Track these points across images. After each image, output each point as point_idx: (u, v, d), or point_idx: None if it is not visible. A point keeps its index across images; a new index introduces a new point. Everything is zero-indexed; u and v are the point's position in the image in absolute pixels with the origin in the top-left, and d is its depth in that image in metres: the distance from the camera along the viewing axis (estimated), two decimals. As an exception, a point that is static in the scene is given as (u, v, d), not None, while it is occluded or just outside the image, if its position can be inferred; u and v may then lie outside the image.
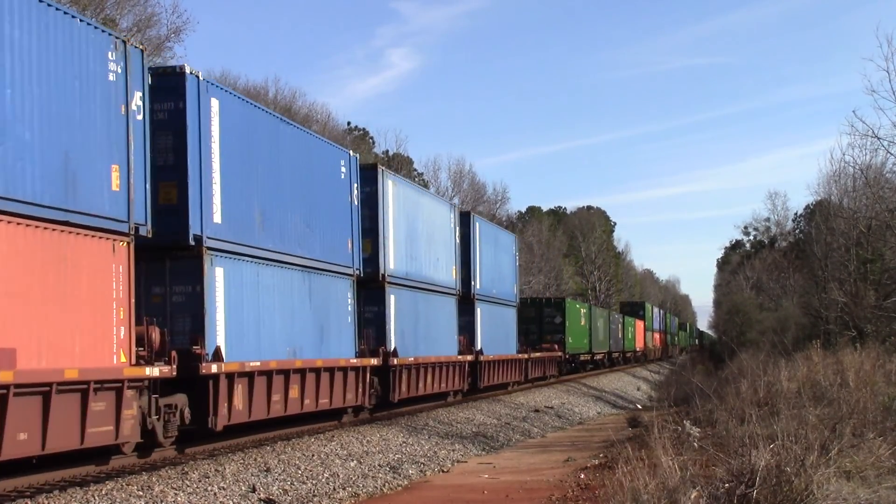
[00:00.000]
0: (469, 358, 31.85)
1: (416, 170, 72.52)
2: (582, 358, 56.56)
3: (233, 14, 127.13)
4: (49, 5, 12.79)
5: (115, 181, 13.87)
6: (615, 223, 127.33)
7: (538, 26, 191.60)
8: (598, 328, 61.42)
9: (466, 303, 32.46)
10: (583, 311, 57.15)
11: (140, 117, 14.64)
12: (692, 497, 9.57)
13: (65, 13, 13.27)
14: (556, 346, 48.11)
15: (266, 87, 54.55)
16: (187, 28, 35.58)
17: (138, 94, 14.63)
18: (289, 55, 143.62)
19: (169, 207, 15.87)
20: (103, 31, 14.16)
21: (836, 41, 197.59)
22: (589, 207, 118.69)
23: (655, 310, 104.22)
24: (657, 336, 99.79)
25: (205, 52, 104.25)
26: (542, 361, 44.72)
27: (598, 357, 63.08)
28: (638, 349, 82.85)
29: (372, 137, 69.26)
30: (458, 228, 31.61)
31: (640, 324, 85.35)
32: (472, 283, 32.79)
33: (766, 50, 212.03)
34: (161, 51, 34.69)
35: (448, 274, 30.09)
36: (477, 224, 34.37)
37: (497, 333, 36.16)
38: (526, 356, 40.62)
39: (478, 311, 33.49)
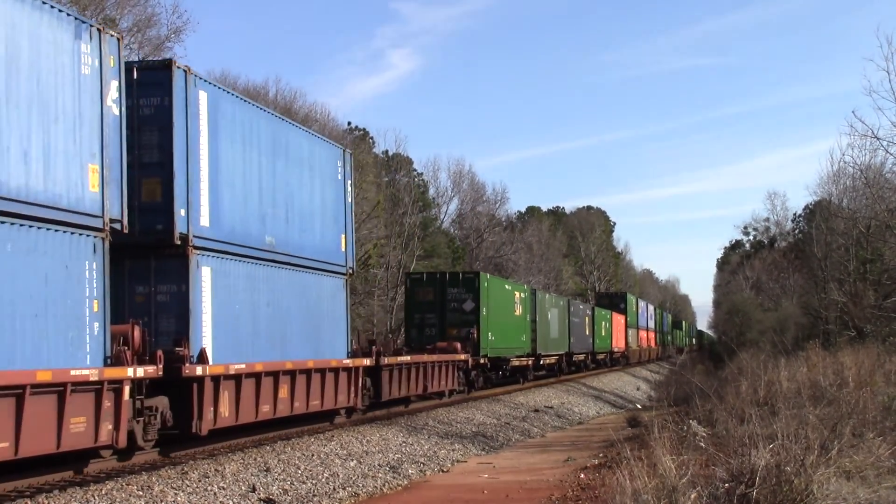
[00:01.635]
0: (141, 373, 14.38)
1: (415, 170, 72.51)
2: (515, 363, 39.56)
3: (233, 14, 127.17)
4: None
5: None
6: (615, 223, 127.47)
7: (538, 27, 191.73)
8: (547, 321, 45.10)
9: (168, 255, 16.18)
10: (518, 294, 40.17)
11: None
12: (692, 497, 9.57)
13: None
14: (460, 346, 31.10)
15: (266, 87, 54.45)
16: (187, 28, 35.48)
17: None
18: (289, 55, 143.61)
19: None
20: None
21: (836, 42, 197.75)
22: (589, 207, 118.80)
23: (642, 303, 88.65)
24: (644, 335, 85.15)
25: (205, 52, 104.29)
26: (420, 371, 27.50)
27: (549, 361, 46.54)
28: (616, 350, 68.14)
29: (372, 137, 69.17)
30: (117, 85, 14.31)
31: (619, 318, 70.56)
32: (183, 213, 16.15)
33: (767, 50, 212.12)
34: (161, 51, 34.66)
35: (65, 180, 13.31)
36: (203, 95, 16.89)
37: (275, 321, 19.27)
38: (368, 363, 23.52)
39: (200, 273, 16.57)
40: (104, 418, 13.56)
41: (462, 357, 31.34)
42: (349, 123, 66.87)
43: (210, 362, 16.37)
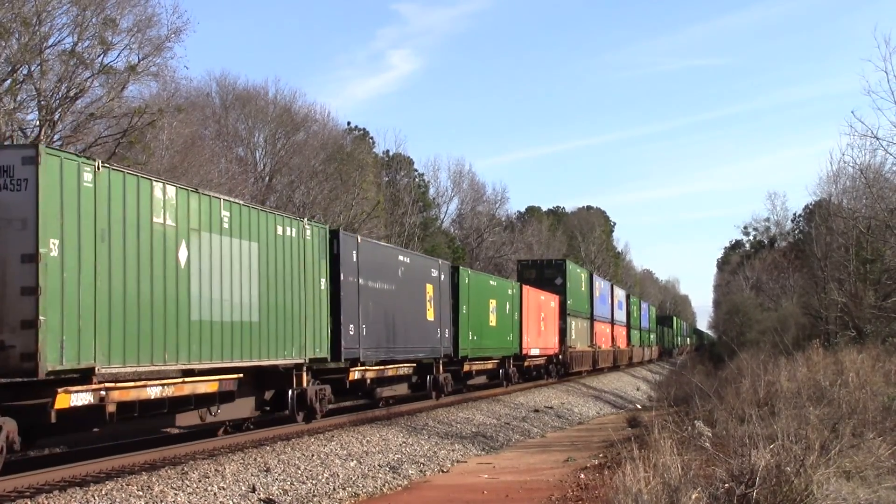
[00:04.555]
0: None
1: (416, 170, 72.50)
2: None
3: (233, 14, 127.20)
4: None
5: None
6: (615, 223, 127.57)
7: (538, 27, 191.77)
8: (226, 277, 16.60)
9: None
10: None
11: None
12: (693, 497, 9.56)
13: None
14: None
15: (266, 87, 54.41)
16: (187, 28, 35.30)
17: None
18: (289, 56, 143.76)
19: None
20: None
21: (835, 42, 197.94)
22: (588, 207, 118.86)
23: (601, 282, 60.40)
24: (606, 330, 59.21)
25: (205, 52, 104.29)
26: None
27: (204, 389, 16.17)
28: (534, 353, 41.40)
29: (372, 137, 69.19)
30: None
31: (543, 300, 43.37)
32: None
33: (766, 51, 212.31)
34: (161, 51, 34.51)
35: None
36: None
37: None
38: None
39: None
40: None
41: None
42: (349, 123, 66.96)
43: None
